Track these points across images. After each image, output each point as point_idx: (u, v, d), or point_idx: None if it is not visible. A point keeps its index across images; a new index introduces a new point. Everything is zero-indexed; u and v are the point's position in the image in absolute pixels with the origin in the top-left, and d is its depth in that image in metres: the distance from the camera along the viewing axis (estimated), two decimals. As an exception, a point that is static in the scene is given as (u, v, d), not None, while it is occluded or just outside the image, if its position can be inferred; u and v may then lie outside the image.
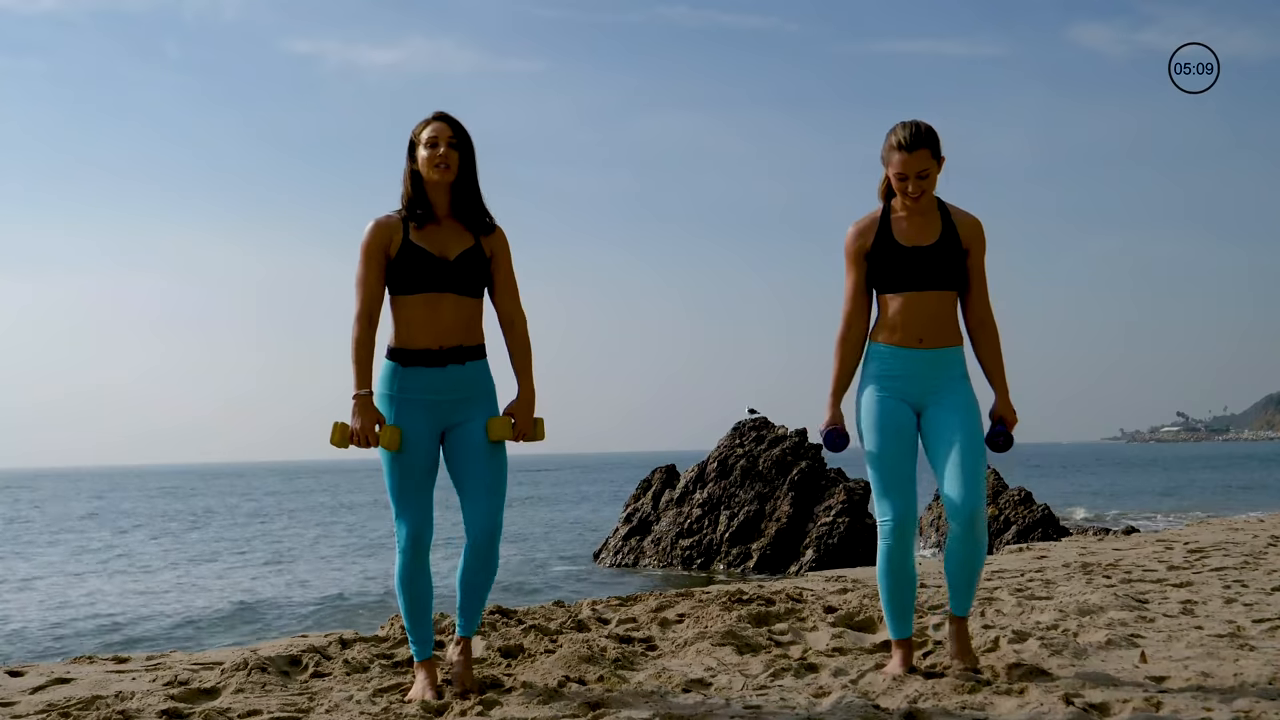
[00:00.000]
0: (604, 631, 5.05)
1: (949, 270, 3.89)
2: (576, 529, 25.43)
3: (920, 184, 3.83)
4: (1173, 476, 52.81)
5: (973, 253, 3.95)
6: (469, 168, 3.83)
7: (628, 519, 16.57)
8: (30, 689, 4.13)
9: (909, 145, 3.81)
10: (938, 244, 3.88)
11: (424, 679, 3.81)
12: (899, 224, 3.93)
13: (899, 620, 3.97)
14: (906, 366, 3.92)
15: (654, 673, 4.15)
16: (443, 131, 3.78)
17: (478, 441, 3.81)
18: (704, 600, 5.89)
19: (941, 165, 3.89)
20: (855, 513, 15.13)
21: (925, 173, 3.82)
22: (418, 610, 3.83)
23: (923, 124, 3.85)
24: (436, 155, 3.76)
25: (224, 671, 4.16)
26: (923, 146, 3.81)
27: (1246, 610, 5.53)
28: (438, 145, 3.77)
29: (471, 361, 3.82)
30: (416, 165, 3.82)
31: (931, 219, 3.93)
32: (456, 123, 3.82)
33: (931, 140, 3.84)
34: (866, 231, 3.95)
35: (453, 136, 3.78)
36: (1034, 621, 5.17)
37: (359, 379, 3.74)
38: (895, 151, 3.84)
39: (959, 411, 3.89)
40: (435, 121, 3.81)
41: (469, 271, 3.80)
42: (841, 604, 5.76)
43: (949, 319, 3.93)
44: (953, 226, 3.92)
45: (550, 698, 3.65)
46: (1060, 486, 39.63)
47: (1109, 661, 4.27)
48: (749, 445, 16.12)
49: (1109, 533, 15.37)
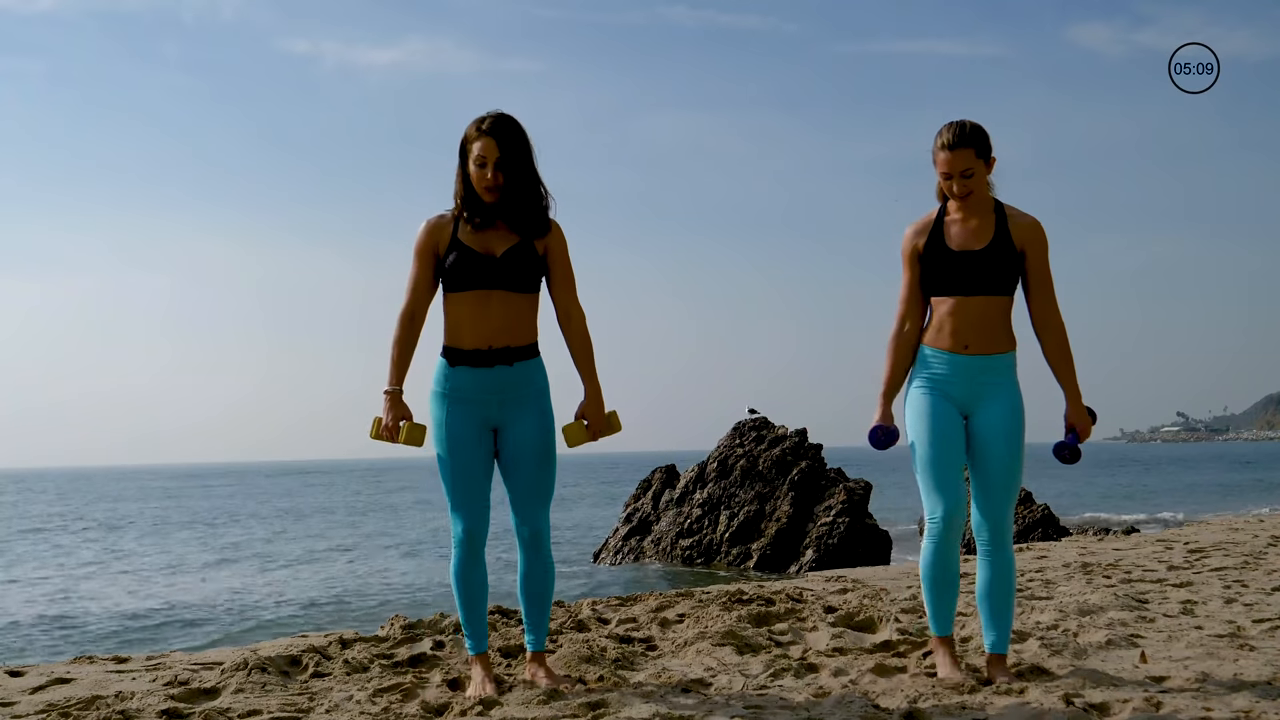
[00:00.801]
0: (604, 631, 5.06)
1: (999, 275, 3.86)
2: (576, 529, 25.44)
3: (965, 183, 3.82)
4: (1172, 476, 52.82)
5: (1030, 255, 3.90)
6: (521, 178, 3.74)
7: (628, 519, 16.58)
8: (30, 689, 4.13)
9: (952, 144, 3.82)
10: (988, 248, 3.85)
11: (480, 673, 3.85)
12: (952, 227, 3.92)
13: (941, 618, 3.97)
14: (953, 371, 3.91)
15: (654, 673, 4.15)
16: (491, 151, 3.70)
17: (523, 445, 3.82)
18: (704, 600, 5.89)
19: (992, 165, 3.87)
20: (855, 513, 15.12)
21: (969, 171, 3.81)
22: (473, 604, 3.87)
23: (969, 123, 3.85)
24: (485, 177, 3.72)
25: (224, 671, 4.16)
26: (966, 146, 3.81)
27: (1246, 610, 5.53)
28: (485, 166, 3.71)
29: (520, 362, 3.80)
30: (468, 169, 3.77)
31: (986, 222, 3.90)
32: (507, 136, 3.71)
33: (977, 139, 3.83)
34: (920, 232, 3.94)
35: (500, 157, 3.70)
36: (1034, 621, 5.17)
37: (392, 375, 3.78)
38: (939, 151, 3.86)
39: (1002, 421, 3.88)
40: (485, 138, 3.71)
41: (517, 267, 3.78)
42: (841, 604, 5.76)
43: (997, 324, 3.89)
44: (1007, 230, 3.88)
45: (550, 698, 3.65)
46: (1061, 486, 39.64)
47: (1109, 661, 4.27)
48: (749, 445, 16.12)
49: (1109, 533, 15.38)
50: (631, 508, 16.77)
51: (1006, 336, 3.91)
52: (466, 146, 3.76)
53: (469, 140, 3.75)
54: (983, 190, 3.89)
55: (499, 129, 3.71)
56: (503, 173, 3.71)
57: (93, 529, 31.47)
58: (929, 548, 3.92)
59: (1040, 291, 3.93)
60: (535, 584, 3.87)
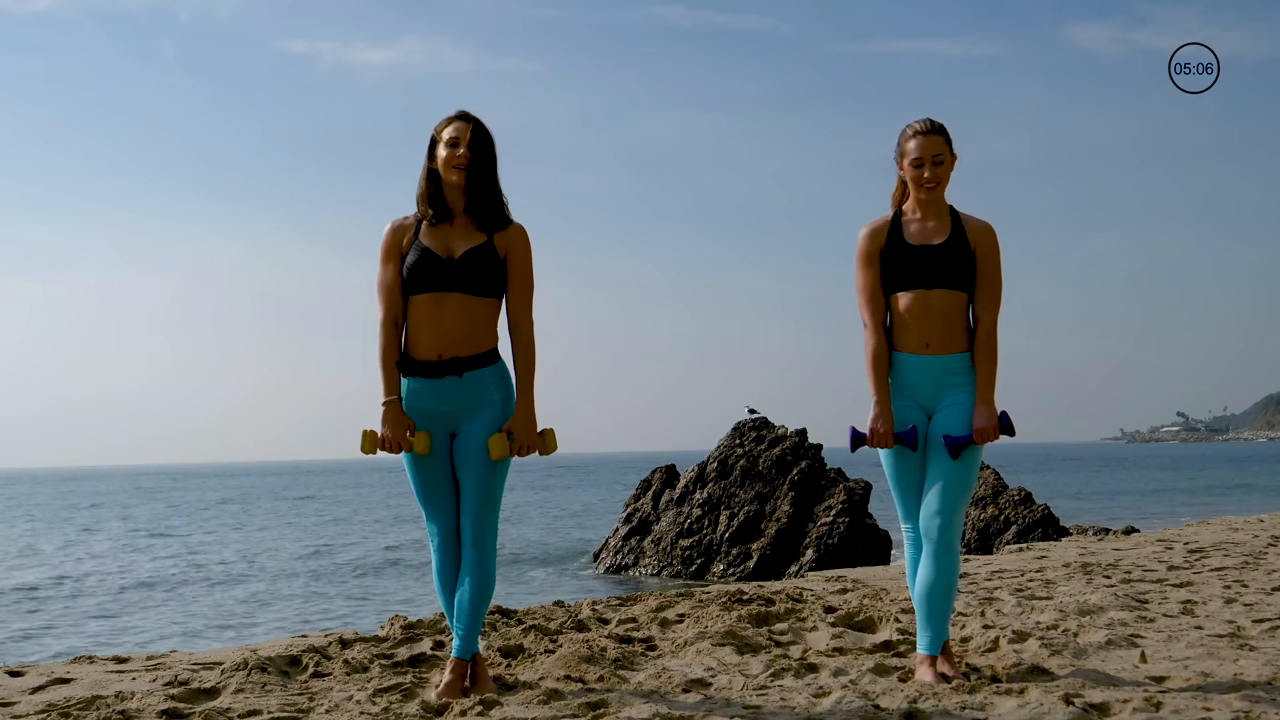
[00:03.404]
0: (604, 631, 5.05)
1: (958, 269, 3.88)
2: (576, 529, 25.43)
3: (935, 171, 3.87)
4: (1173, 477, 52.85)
5: (980, 254, 3.93)
6: (487, 166, 3.80)
7: (628, 519, 16.57)
8: (30, 689, 4.13)
9: (925, 130, 3.89)
10: (947, 243, 3.90)
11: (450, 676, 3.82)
12: (910, 225, 3.96)
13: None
14: (916, 374, 3.93)
15: (654, 673, 4.15)
16: (463, 131, 3.76)
17: (472, 452, 3.81)
18: (704, 600, 5.89)
19: (954, 162, 3.93)
20: (855, 513, 15.12)
21: (940, 158, 3.88)
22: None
23: (936, 119, 3.94)
24: (455, 155, 3.75)
25: (224, 671, 4.16)
26: (938, 133, 3.89)
27: (1246, 610, 5.53)
28: (458, 145, 3.75)
29: (471, 371, 3.79)
30: (435, 164, 3.81)
31: (942, 222, 3.95)
32: (478, 122, 3.80)
33: (946, 131, 3.93)
34: (879, 232, 3.97)
35: (473, 138, 3.76)
36: (1034, 621, 5.17)
37: (387, 385, 3.76)
38: (911, 139, 3.90)
39: (959, 423, 3.90)
40: (457, 120, 3.80)
41: (475, 269, 3.76)
42: (841, 604, 5.76)
43: (956, 321, 3.90)
44: (962, 229, 3.94)
45: (550, 698, 3.65)
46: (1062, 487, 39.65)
47: (1109, 661, 4.27)
48: (749, 445, 16.12)
49: (1109, 533, 15.37)
50: (631, 508, 16.76)
51: (965, 335, 3.93)
52: (436, 137, 3.81)
53: (439, 130, 3.81)
54: (944, 187, 3.94)
55: (471, 116, 3.81)
56: (472, 153, 3.74)
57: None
58: (910, 558, 4.00)
59: (985, 289, 3.93)
60: (464, 589, 3.79)
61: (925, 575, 3.86)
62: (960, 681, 3.76)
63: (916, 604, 3.91)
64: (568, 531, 24.63)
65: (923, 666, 3.89)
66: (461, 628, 3.79)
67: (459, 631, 3.79)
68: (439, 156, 3.79)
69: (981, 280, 3.94)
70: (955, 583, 3.86)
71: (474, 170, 3.76)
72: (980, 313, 3.94)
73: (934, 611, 3.86)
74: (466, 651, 3.79)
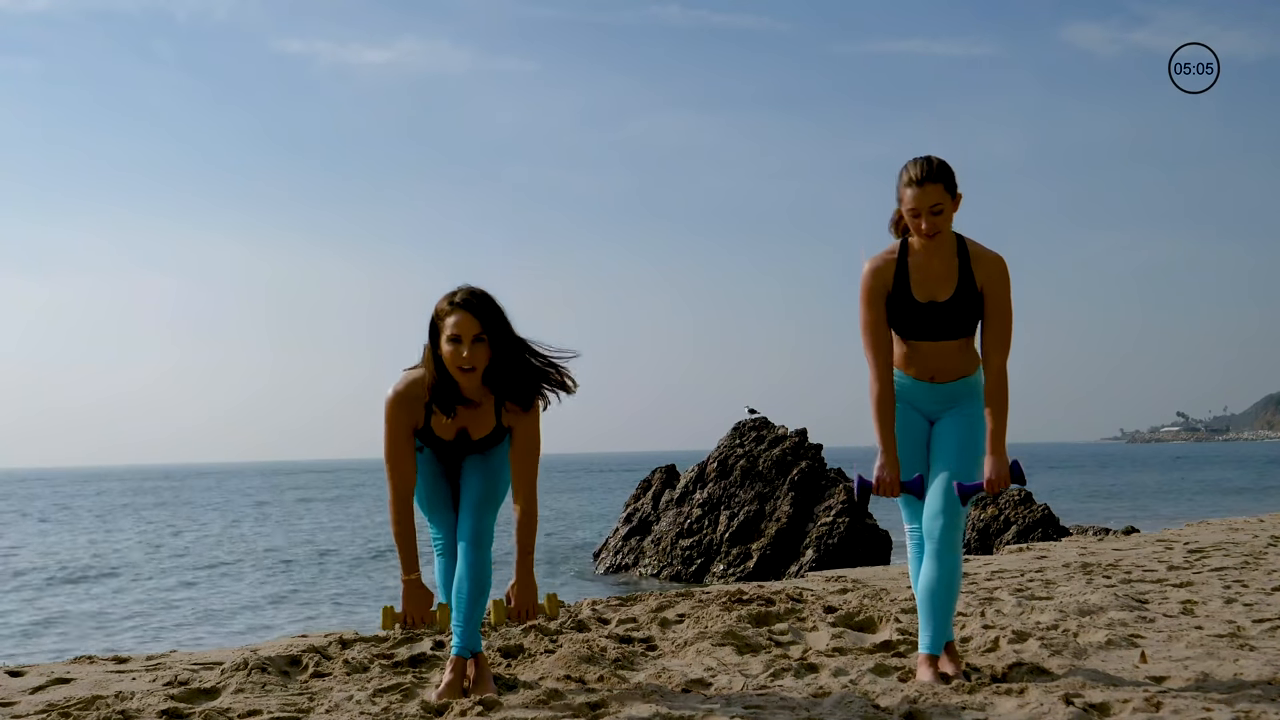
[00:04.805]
0: (604, 631, 5.05)
1: (963, 323, 3.84)
2: (576, 529, 25.42)
3: (934, 220, 3.70)
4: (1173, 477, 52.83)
5: (989, 294, 3.81)
6: (501, 353, 3.61)
7: (627, 519, 16.57)
8: (30, 689, 4.13)
9: (920, 179, 3.69)
10: (953, 299, 3.80)
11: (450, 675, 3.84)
12: (916, 270, 3.81)
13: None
14: (920, 395, 3.96)
15: (654, 673, 4.15)
16: (466, 328, 3.55)
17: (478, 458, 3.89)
18: (704, 600, 5.89)
19: (958, 202, 3.76)
20: (855, 513, 15.11)
21: (938, 208, 3.70)
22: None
23: (936, 159, 3.74)
24: (460, 356, 3.56)
25: (224, 671, 4.16)
26: (935, 181, 3.69)
27: (1246, 610, 5.53)
28: (460, 342, 3.55)
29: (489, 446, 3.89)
30: (440, 350, 3.61)
31: (949, 266, 3.80)
32: (483, 309, 3.58)
33: (945, 175, 3.71)
34: (884, 272, 3.83)
35: (479, 331, 3.56)
36: (1034, 621, 5.17)
37: (405, 563, 3.73)
38: (907, 187, 3.73)
39: (960, 425, 3.91)
40: (458, 312, 3.56)
41: (486, 445, 3.84)
42: (841, 604, 5.76)
43: (961, 357, 3.90)
44: (970, 274, 3.80)
45: (550, 698, 3.65)
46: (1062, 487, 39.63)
47: (1109, 661, 4.27)
48: (749, 445, 16.12)
49: (1109, 533, 15.37)
50: (631, 508, 16.75)
51: (971, 363, 3.93)
52: (438, 323, 3.61)
53: (440, 316, 3.60)
54: (947, 230, 3.78)
55: (473, 304, 3.57)
56: (482, 346, 3.58)
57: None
58: (912, 558, 4.04)
59: (993, 329, 3.82)
60: (460, 583, 3.80)
61: (927, 574, 3.87)
62: (960, 681, 3.76)
63: (919, 603, 3.91)
64: (568, 531, 24.62)
65: (923, 666, 3.89)
66: (459, 624, 3.80)
67: (456, 628, 3.80)
68: (444, 350, 3.60)
69: (990, 321, 3.82)
70: (958, 582, 3.86)
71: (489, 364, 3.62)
72: (988, 353, 3.82)
73: (936, 610, 3.86)
74: (465, 649, 3.79)
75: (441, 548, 3.94)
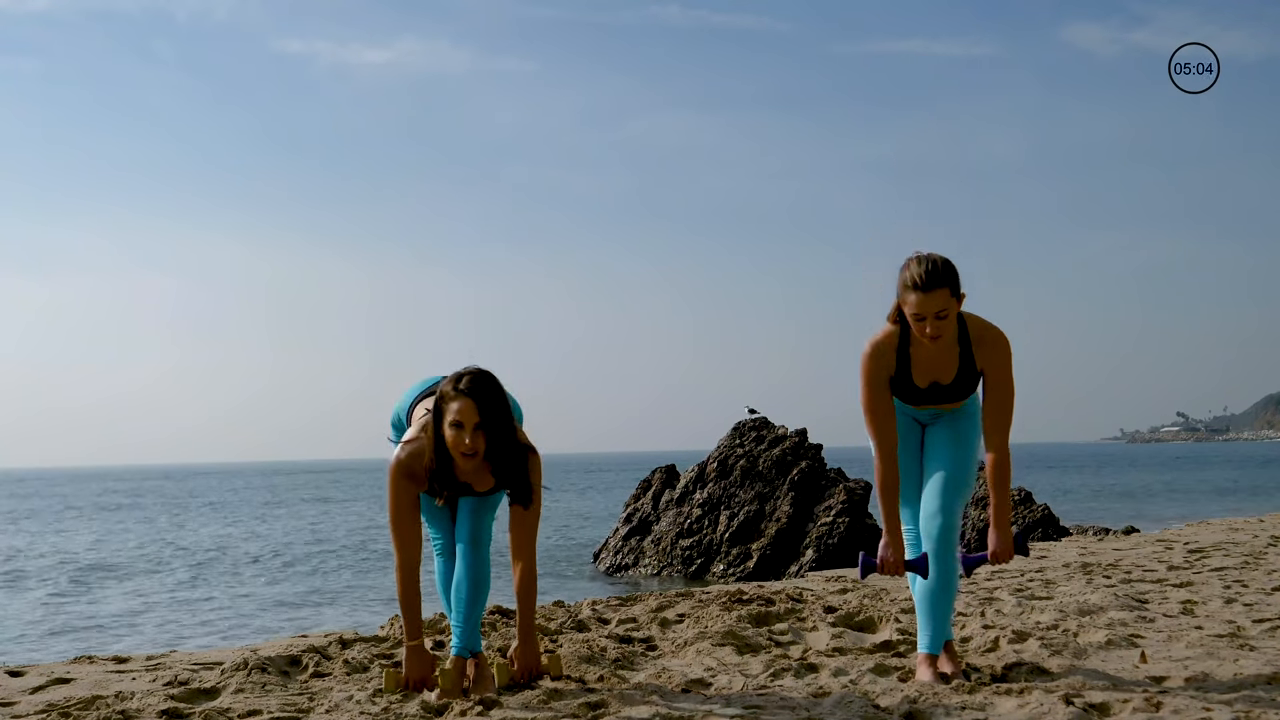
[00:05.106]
0: (604, 631, 5.05)
1: (966, 393, 3.87)
2: (576, 529, 25.42)
3: (939, 325, 3.61)
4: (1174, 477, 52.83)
5: (989, 373, 3.78)
6: (501, 440, 3.62)
7: (627, 519, 16.57)
8: (30, 689, 4.13)
9: (925, 285, 3.56)
10: (955, 382, 3.81)
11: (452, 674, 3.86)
12: (918, 358, 3.77)
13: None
14: (916, 411, 4.00)
15: (654, 673, 4.15)
16: (469, 416, 3.55)
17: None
18: (704, 600, 5.89)
19: (962, 301, 3.67)
20: (855, 513, 15.11)
21: (943, 313, 3.59)
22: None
23: (939, 259, 3.60)
24: (463, 443, 3.58)
25: (224, 671, 4.16)
26: (940, 286, 3.56)
27: (1246, 610, 5.53)
28: (463, 428, 3.57)
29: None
30: (443, 431, 3.61)
31: (951, 350, 3.76)
32: (486, 397, 3.58)
33: (950, 278, 3.59)
34: (885, 357, 3.78)
35: (480, 421, 3.56)
36: (1034, 621, 5.17)
37: (409, 630, 3.75)
38: (911, 291, 3.59)
39: (956, 426, 3.94)
40: (463, 399, 3.56)
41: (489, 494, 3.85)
42: (841, 604, 5.76)
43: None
44: (971, 357, 3.76)
45: (550, 698, 3.65)
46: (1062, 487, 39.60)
47: (1109, 661, 4.27)
48: (749, 445, 16.12)
49: (1109, 533, 15.37)
50: (631, 508, 16.76)
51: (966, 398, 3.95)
52: (442, 405, 3.61)
53: (445, 399, 3.60)
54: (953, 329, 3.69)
55: (477, 389, 3.58)
56: (483, 434, 3.58)
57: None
58: (910, 555, 4.02)
59: (995, 410, 3.78)
60: (467, 583, 3.81)
61: (932, 574, 3.87)
62: (960, 681, 3.77)
63: (917, 603, 3.92)
64: (568, 531, 24.62)
65: (923, 666, 3.89)
66: (458, 624, 3.80)
67: (456, 628, 3.81)
68: (446, 434, 3.60)
69: (991, 401, 3.78)
70: (955, 581, 3.86)
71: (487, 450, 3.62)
72: (990, 433, 3.78)
73: (934, 610, 3.87)
74: (464, 649, 3.79)
75: (440, 548, 3.94)
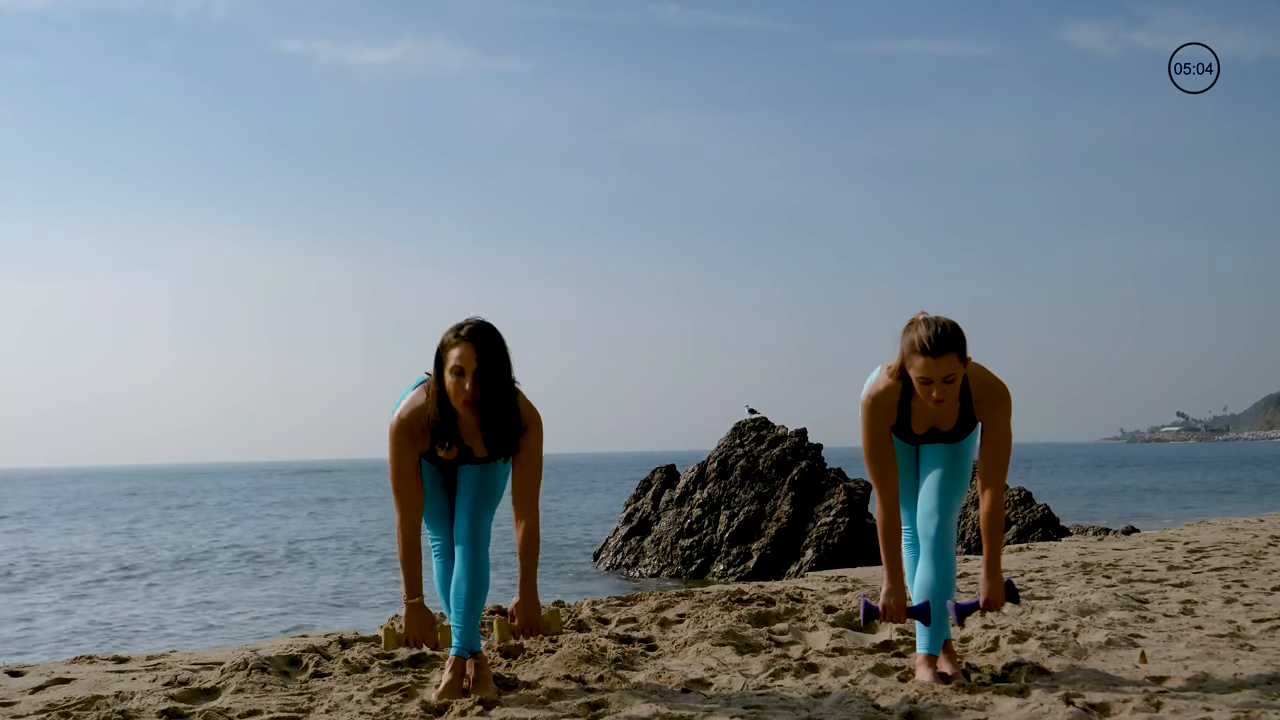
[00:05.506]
0: (604, 631, 5.05)
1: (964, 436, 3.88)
2: (576, 529, 25.43)
3: (946, 389, 3.58)
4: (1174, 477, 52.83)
5: (987, 426, 3.78)
6: (498, 389, 3.62)
7: (627, 519, 16.57)
8: (30, 689, 4.13)
9: (934, 350, 3.53)
10: (953, 430, 3.83)
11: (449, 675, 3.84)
12: (918, 410, 3.77)
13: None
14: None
15: (654, 673, 4.15)
16: (469, 361, 3.58)
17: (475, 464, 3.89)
18: (704, 600, 5.89)
19: (968, 365, 3.66)
20: (855, 513, 15.12)
21: (951, 378, 3.56)
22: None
23: (947, 324, 3.57)
24: (463, 388, 3.59)
25: (224, 671, 4.16)
26: (949, 351, 3.53)
27: (1246, 610, 5.53)
28: (464, 375, 3.58)
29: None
30: (442, 381, 3.64)
31: (951, 405, 3.74)
32: (486, 344, 3.60)
33: (959, 343, 3.56)
34: (886, 407, 3.77)
35: (479, 367, 3.58)
36: (1034, 621, 5.17)
37: (409, 587, 3.75)
38: (918, 355, 3.56)
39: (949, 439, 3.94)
40: (464, 345, 3.59)
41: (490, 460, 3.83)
42: (841, 604, 5.76)
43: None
44: (971, 410, 3.77)
45: (550, 698, 3.65)
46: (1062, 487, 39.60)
47: (1109, 661, 4.27)
48: (749, 445, 16.12)
49: (1109, 533, 15.37)
50: (631, 508, 16.76)
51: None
52: (443, 354, 3.64)
53: (446, 347, 3.63)
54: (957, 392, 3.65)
55: (478, 337, 3.60)
56: (480, 385, 3.59)
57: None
58: (908, 555, 4.04)
59: (991, 460, 3.78)
60: (459, 583, 3.81)
61: (923, 574, 3.87)
62: (960, 681, 3.77)
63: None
64: (568, 531, 24.63)
65: (923, 666, 3.89)
66: (458, 624, 3.80)
67: (455, 628, 3.80)
68: (446, 381, 3.62)
69: (988, 452, 3.78)
70: (953, 581, 3.86)
71: (483, 403, 3.63)
72: (985, 483, 3.79)
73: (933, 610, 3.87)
74: (464, 649, 3.79)
75: (439, 549, 3.94)
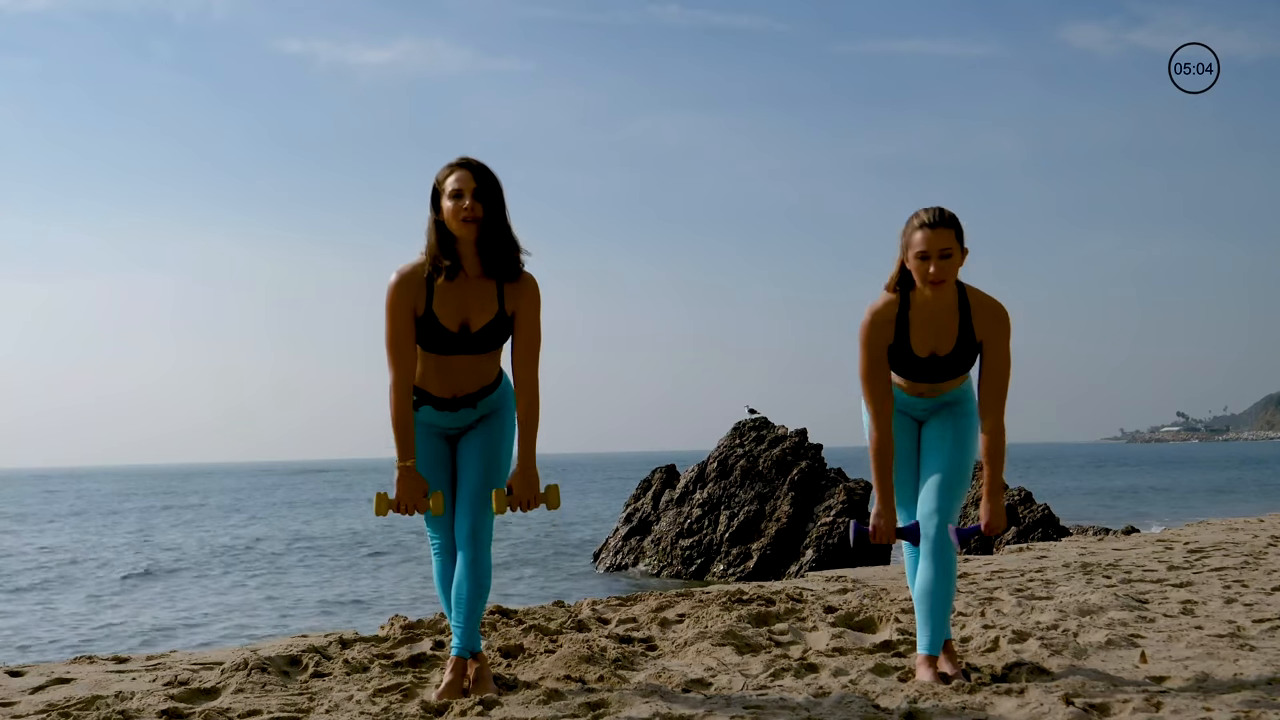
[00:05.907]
0: (604, 631, 5.05)
1: (961, 369, 3.87)
2: (576, 529, 25.42)
3: (943, 265, 3.66)
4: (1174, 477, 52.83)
5: (987, 345, 3.81)
6: (497, 214, 3.66)
7: (628, 519, 16.57)
8: (30, 689, 4.13)
9: (933, 223, 3.67)
10: (953, 353, 3.82)
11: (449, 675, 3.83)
12: (917, 324, 3.80)
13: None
14: (913, 404, 4.01)
15: (654, 673, 4.15)
16: (467, 182, 3.61)
17: (474, 452, 3.87)
18: (704, 600, 5.89)
19: (965, 256, 3.75)
20: (855, 513, 15.11)
21: (948, 251, 3.66)
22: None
23: (947, 209, 3.73)
24: (462, 208, 3.60)
25: (224, 671, 4.16)
26: (947, 226, 3.67)
27: (1246, 610, 5.53)
28: (462, 196, 3.61)
29: (484, 399, 3.86)
30: (441, 215, 3.67)
31: (950, 317, 3.79)
32: (482, 169, 3.65)
33: (956, 223, 3.70)
34: (884, 322, 3.81)
35: (478, 186, 3.61)
36: (1034, 621, 5.17)
37: (402, 449, 3.72)
38: (918, 230, 3.68)
39: (952, 424, 3.96)
40: (459, 170, 3.64)
41: (488, 340, 3.77)
42: (841, 604, 5.76)
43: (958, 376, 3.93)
44: (970, 326, 3.80)
45: (550, 698, 3.65)
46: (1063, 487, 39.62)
47: (1109, 661, 4.27)
48: (749, 445, 16.11)
49: (1109, 533, 15.37)
50: (631, 508, 16.76)
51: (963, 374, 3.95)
52: (439, 187, 3.67)
53: (441, 180, 3.66)
54: (952, 281, 3.74)
55: (473, 163, 3.66)
56: (482, 202, 3.61)
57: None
58: (908, 554, 4.05)
59: (991, 384, 3.82)
60: (459, 585, 3.80)
61: (924, 574, 3.87)
62: (960, 681, 3.77)
63: (916, 603, 3.92)
64: (568, 531, 24.62)
65: (923, 666, 3.89)
66: (459, 624, 3.79)
67: (456, 628, 3.80)
68: (444, 208, 3.64)
69: (988, 375, 3.82)
70: (953, 580, 3.86)
71: (484, 222, 3.65)
72: (986, 408, 3.82)
73: (933, 610, 3.87)
74: (464, 649, 3.79)
75: (439, 548, 3.93)
